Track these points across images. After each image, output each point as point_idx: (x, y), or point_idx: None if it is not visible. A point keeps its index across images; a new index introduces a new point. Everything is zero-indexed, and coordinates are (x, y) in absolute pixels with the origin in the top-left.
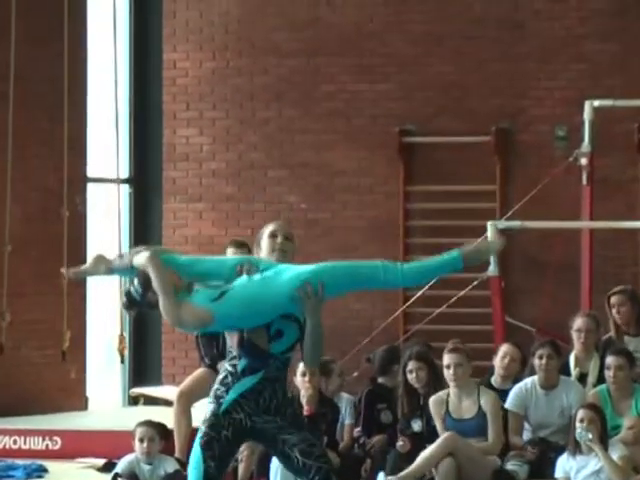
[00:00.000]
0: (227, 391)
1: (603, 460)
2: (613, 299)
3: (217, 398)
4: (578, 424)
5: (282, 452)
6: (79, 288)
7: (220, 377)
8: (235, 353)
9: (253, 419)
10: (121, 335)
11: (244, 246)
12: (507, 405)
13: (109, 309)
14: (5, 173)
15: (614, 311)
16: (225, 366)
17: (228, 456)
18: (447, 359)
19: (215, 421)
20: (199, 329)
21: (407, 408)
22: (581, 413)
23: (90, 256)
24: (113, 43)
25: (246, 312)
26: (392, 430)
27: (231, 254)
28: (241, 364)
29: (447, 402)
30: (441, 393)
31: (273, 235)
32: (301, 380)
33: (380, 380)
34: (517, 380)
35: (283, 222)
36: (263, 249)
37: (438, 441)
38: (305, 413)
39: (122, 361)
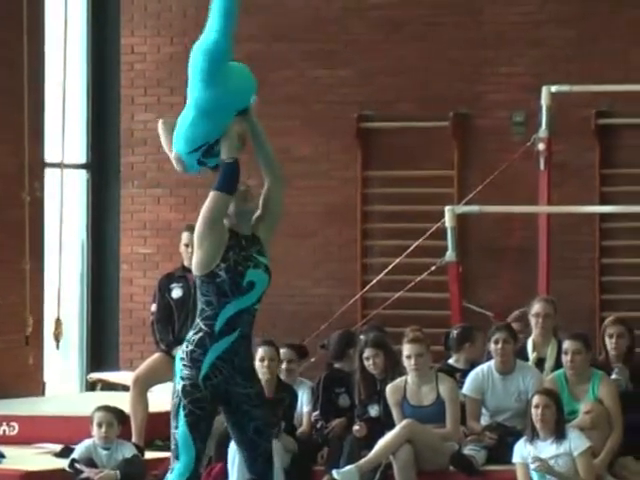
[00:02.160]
0: (204, 353)
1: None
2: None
3: (194, 361)
4: (533, 410)
5: (238, 422)
6: (38, 273)
7: (195, 337)
8: (211, 312)
9: (228, 382)
10: (57, 320)
11: None
12: (464, 390)
13: (68, 294)
14: None
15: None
16: (199, 325)
17: (209, 432)
18: (407, 350)
19: (197, 393)
20: None
21: (364, 394)
22: (536, 399)
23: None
24: (70, 28)
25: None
26: (350, 414)
27: (185, 239)
28: (218, 323)
29: (405, 389)
30: (398, 381)
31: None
32: (259, 365)
33: (336, 365)
34: (475, 365)
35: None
36: (233, 208)
37: (396, 428)
38: None
39: (57, 346)
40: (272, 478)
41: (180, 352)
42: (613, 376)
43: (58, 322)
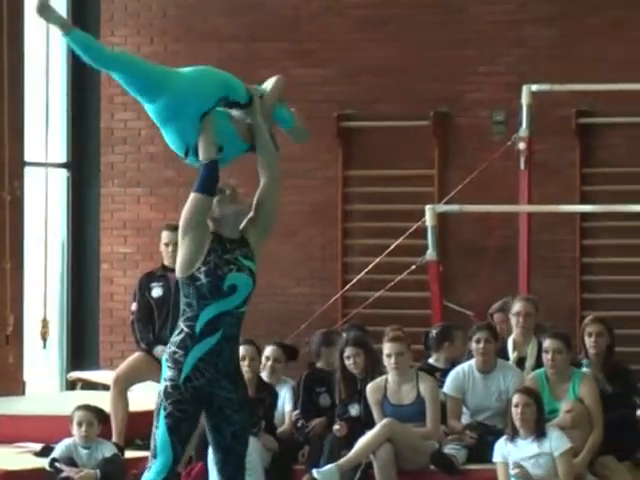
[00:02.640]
0: (185, 355)
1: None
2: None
3: (176, 363)
4: (513, 409)
5: (216, 426)
6: (17, 273)
7: (177, 339)
8: (191, 313)
9: (212, 385)
10: (44, 320)
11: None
12: (445, 389)
13: (47, 294)
14: None
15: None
16: (181, 326)
17: (192, 433)
18: (387, 348)
19: (177, 395)
20: None
21: (345, 393)
22: (516, 398)
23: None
24: (50, 27)
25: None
26: (331, 413)
27: (165, 238)
28: (199, 324)
29: (385, 388)
30: (378, 380)
31: (221, 191)
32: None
33: (318, 365)
34: (455, 364)
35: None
36: (218, 211)
37: (376, 428)
38: None
39: (44, 346)
40: None
41: (165, 354)
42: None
43: (45, 322)
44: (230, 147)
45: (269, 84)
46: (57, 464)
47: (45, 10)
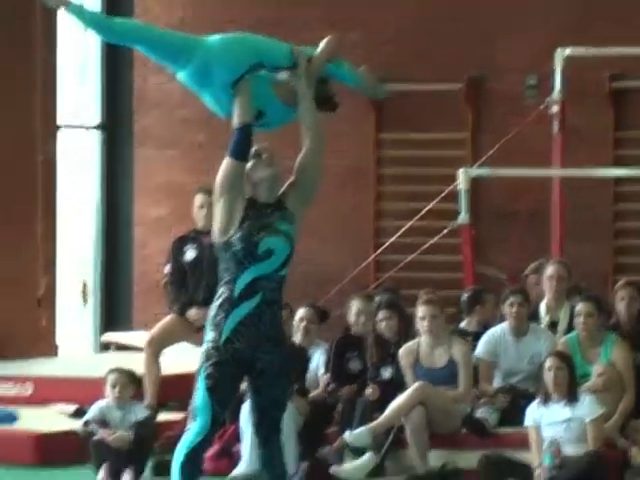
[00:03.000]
0: (226, 318)
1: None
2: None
3: (217, 325)
4: (546, 373)
5: (257, 388)
6: (51, 235)
7: (217, 302)
8: (229, 277)
9: (254, 348)
10: (84, 282)
11: (212, 193)
12: (477, 352)
13: (81, 256)
14: None
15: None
16: (220, 290)
17: (232, 395)
18: (421, 311)
19: (218, 357)
20: None
21: (377, 356)
22: (549, 361)
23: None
24: None
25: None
26: (361, 379)
27: (199, 201)
28: (237, 288)
29: (418, 351)
30: (411, 343)
31: (257, 155)
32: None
33: (353, 330)
34: (487, 327)
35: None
36: (253, 175)
37: (408, 391)
38: None
39: (84, 305)
40: (276, 444)
41: (208, 317)
42: None
43: (84, 283)
44: (274, 112)
45: (321, 45)
46: (90, 426)
47: None
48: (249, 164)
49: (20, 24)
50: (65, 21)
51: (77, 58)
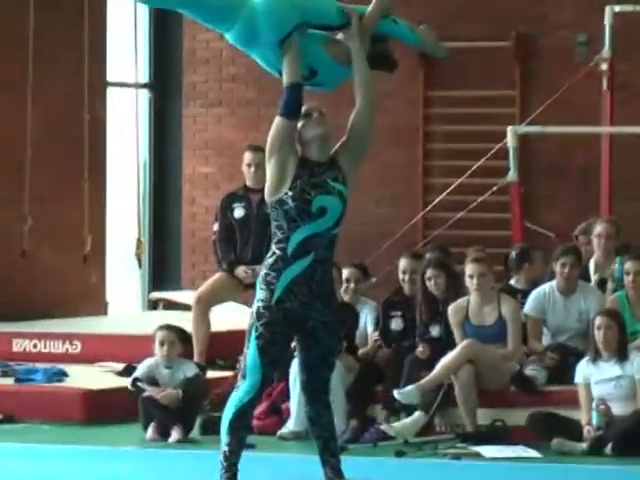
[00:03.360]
0: (278, 277)
1: None
2: None
3: (268, 284)
4: (595, 331)
5: (307, 347)
6: (99, 192)
7: (269, 261)
8: (282, 236)
9: (306, 307)
10: (138, 239)
11: (261, 150)
12: (526, 310)
13: (129, 214)
14: (26, 78)
15: None
16: (273, 249)
17: (282, 355)
18: (470, 269)
19: (269, 316)
20: None
21: (426, 314)
22: (598, 320)
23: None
24: None
25: None
26: (403, 338)
27: (248, 159)
28: (290, 247)
29: (467, 309)
30: (460, 301)
31: (308, 114)
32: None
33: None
34: (536, 285)
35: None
36: (304, 135)
37: (457, 348)
38: None
39: (140, 266)
40: (324, 402)
41: (259, 276)
42: None
43: (139, 242)
44: (326, 70)
45: (372, 3)
46: (139, 383)
47: None
48: (300, 123)
49: None
50: None
51: (126, 16)
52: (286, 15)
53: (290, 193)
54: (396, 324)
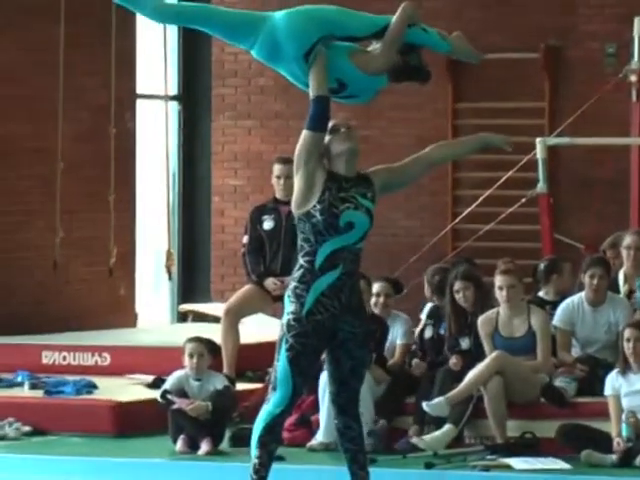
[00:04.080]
0: (307, 289)
1: None
2: None
3: (298, 297)
4: (625, 343)
5: (337, 358)
6: (128, 204)
7: (297, 274)
8: (309, 249)
9: (336, 319)
10: (169, 251)
11: (290, 162)
12: (555, 322)
13: (158, 226)
14: (57, 91)
15: None
16: (300, 262)
17: (312, 367)
18: (499, 281)
19: (299, 328)
20: None
21: (455, 327)
22: (628, 332)
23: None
24: None
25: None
26: (434, 348)
27: (277, 171)
28: (318, 259)
29: (497, 321)
30: (489, 313)
31: (336, 129)
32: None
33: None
34: (565, 296)
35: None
36: (332, 149)
37: (486, 360)
38: None
39: (170, 277)
40: (354, 414)
41: (287, 290)
42: None
43: (169, 253)
44: (356, 82)
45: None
46: (169, 396)
47: None
48: (327, 137)
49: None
50: None
51: (155, 28)
52: (307, 28)
53: (318, 207)
54: (428, 333)
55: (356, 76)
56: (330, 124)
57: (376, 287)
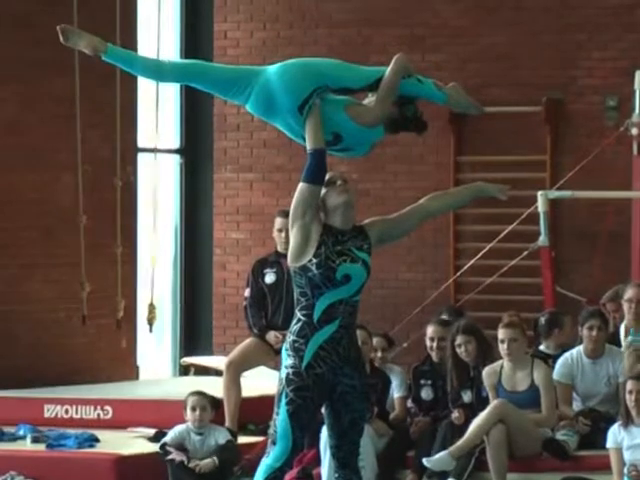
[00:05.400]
0: (306, 343)
1: None
2: None
3: (296, 351)
4: (627, 395)
5: (336, 412)
6: (130, 257)
7: (295, 328)
8: (306, 302)
9: (335, 372)
10: (151, 304)
11: None
12: (554, 376)
13: (160, 278)
14: (59, 142)
15: None
16: (298, 315)
17: (312, 420)
18: (501, 334)
19: (299, 382)
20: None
21: (457, 381)
22: (630, 384)
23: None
24: (163, 14)
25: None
26: (432, 407)
27: (279, 224)
28: (316, 313)
29: (500, 373)
30: (494, 365)
31: (332, 182)
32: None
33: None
34: (566, 350)
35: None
36: (328, 202)
37: (488, 408)
38: None
39: (150, 330)
40: (354, 467)
41: (285, 343)
42: None
43: (151, 307)
44: (352, 135)
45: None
46: (167, 448)
47: (72, 36)
48: (323, 190)
49: None
50: (145, 43)
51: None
52: (301, 80)
53: (315, 260)
54: (426, 394)
55: (352, 128)
56: (326, 177)
57: (374, 342)
